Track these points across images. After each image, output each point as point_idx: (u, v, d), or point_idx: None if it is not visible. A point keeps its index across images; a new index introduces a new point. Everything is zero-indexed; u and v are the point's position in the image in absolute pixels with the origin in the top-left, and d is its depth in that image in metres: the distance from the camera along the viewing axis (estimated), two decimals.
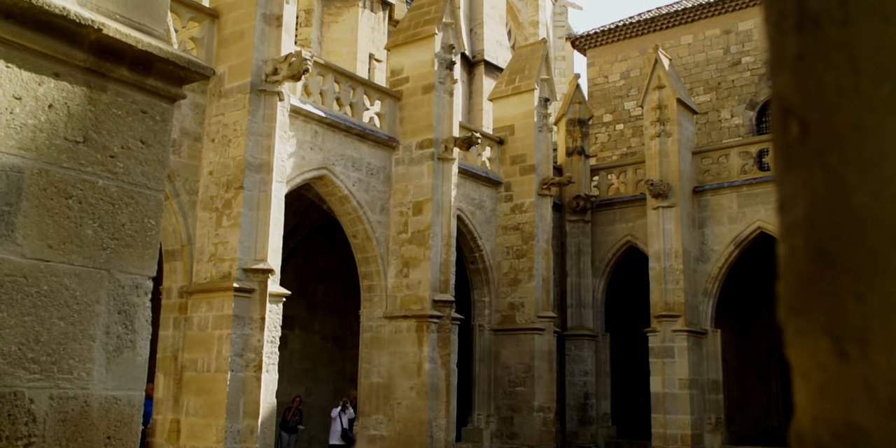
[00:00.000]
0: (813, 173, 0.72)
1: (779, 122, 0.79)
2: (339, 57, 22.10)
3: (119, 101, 3.48)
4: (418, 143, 17.10)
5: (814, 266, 0.73)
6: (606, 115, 28.39)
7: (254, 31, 13.27)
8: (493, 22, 29.12)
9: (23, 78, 3.15)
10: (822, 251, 0.72)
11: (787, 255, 0.77)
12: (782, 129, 0.77)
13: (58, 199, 3.21)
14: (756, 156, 20.95)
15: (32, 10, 3.09)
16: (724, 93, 26.36)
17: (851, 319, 0.69)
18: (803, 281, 0.74)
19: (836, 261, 0.71)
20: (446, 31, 17.65)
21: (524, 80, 20.90)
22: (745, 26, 26.15)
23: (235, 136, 13.05)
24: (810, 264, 0.73)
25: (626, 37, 28.42)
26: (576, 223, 22.42)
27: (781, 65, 0.79)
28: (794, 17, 0.78)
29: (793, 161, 0.75)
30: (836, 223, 0.71)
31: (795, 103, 0.76)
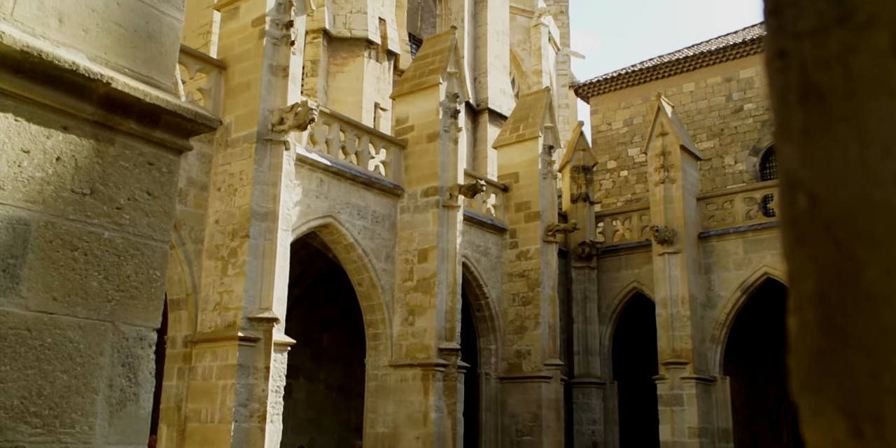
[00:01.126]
0: (822, 248, 0.72)
1: (786, 195, 0.79)
2: (344, 106, 22.32)
3: (126, 154, 3.51)
4: (423, 190, 17.17)
5: (826, 341, 0.72)
6: (610, 161, 28.53)
7: (260, 81, 13.43)
8: (496, 71, 29.46)
9: (31, 131, 3.18)
10: (833, 327, 0.71)
11: (798, 330, 0.76)
12: (790, 202, 0.77)
13: (63, 251, 3.22)
14: (761, 201, 20.98)
15: (42, 65, 3.14)
16: (727, 139, 26.51)
17: (866, 396, 0.68)
18: (815, 356, 0.73)
19: (849, 336, 0.70)
20: (450, 80, 17.86)
21: (528, 127, 21.06)
22: (746, 74, 26.42)
23: (241, 185, 13.12)
24: (822, 340, 0.72)
25: (629, 85, 28.71)
26: (581, 270, 22.37)
27: (787, 137, 0.79)
28: (799, 89, 0.78)
29: (801, 235, 0.75)
30: (847, 298, 0.70)
31: (802, 176, 0.76)
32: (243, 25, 13.94)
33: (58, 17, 3.37)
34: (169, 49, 3.87)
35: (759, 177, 25.55)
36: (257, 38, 13.69)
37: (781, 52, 0.80)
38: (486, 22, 29.51)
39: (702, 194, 22.02)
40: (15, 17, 3.20)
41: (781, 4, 0.81)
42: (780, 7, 0.81)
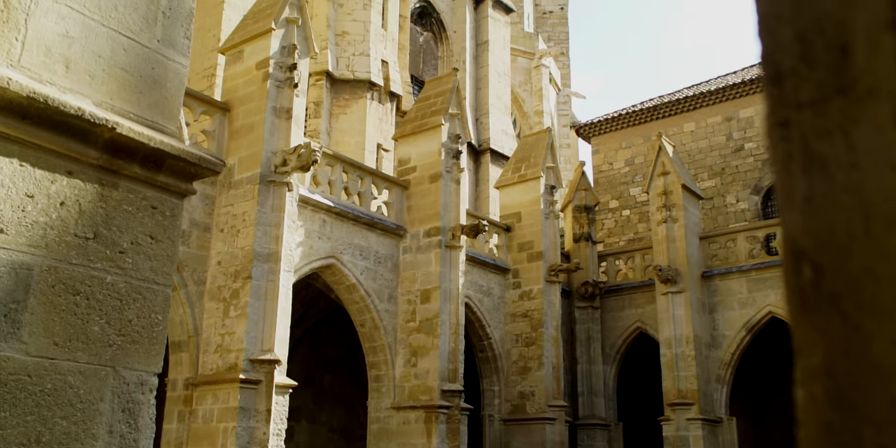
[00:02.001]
0: (829, 319, 0.71)
1: (791, 264, 0.78)
2: (347, 147, 22.45)
3: (130, 198, 3.52)
4: (426, 231, 17.18)
5: (835, 415, 0.70)
6: (612, 201, 28.59)
7: (264, 123, 13.54)
8: (498, 112, 29.68)
9: (36, 176, 3.20)
10: (842, 399, 0.70)
11: (806, 403, 0.75)
12: (795, 271, 0.77)
13: (65, 295, 3.21)
14: (763, 240, 20.96)
15: (49, 111, 3.16)
16: (728, 178, 26.60)
17: None
18: (824, 430, 0.72)
19: (858, 410, 0.69)
20: (452, 121, 17.98)
21: (530, 167, 21.14)
22: (745, 113, 26.60)
23: (244, 227, 13.14)
24: (831, 413, 0.71)
25: (630, 125, 28.90)
26: (585, 309, 22.28)
27: (790, 205, 0.79)
28: (801, 158, 0.78)
29: (807, 305, 0.74)
30: (855, 371, 0.69)
31: (806, 246, 0.75)
32: (247, 68, 14.09)
33: (64, 63, 3.40)
34: (174, 94, 3.91)
35: (760, 215, 25.58)
36: (261, 81, 13.82)
37: (783, 122, 0.81)
38: (487, 64, 29.82)
39: (704, 233, 22.01)
40: (22, 64, 3.23)
41: (782, 73, 0.82)
42: (781, 76, 0.82)
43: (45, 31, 3.34)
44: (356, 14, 24.44)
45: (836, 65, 0.76)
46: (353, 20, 24.37)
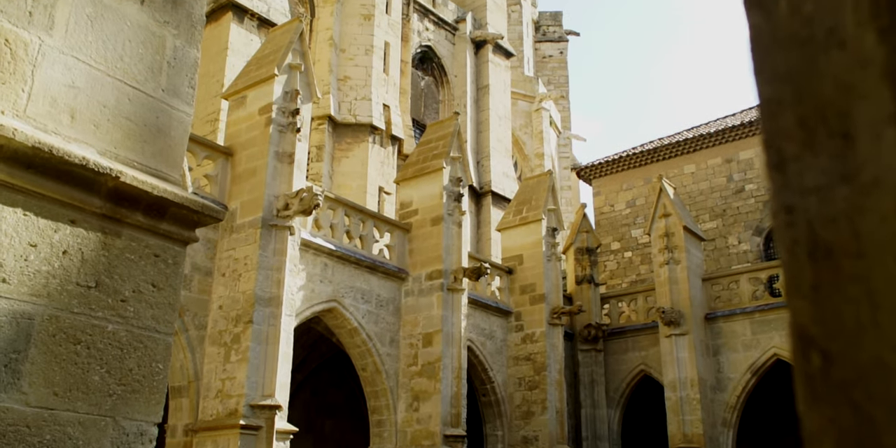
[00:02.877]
0: (839, 410, 0.70)
1: (799, 351, 0.78)
2: (349, 190, 22.54)
3: (133, 246, 3.53)
4: (428, 274, 17.15)
5: None
6: (614, 242, 28.59)
7: (266, 167, 13.61)
8: (499, 154, 29.86)
9: (39, 225, 3.21)
10: None
11: None
12: (804, 360, 0.76)
13: (66, 345, 3.20)
14: (766, 282, 20.90)
15: (53, 160, 3.19)
16: (729, 219, 26.62)
17: None
18: None
19: None
20: (454, 164, 18.07)
21: (531, 210, 21.18)
22: (745, 155, 26.73)
23: (246, 271, 13.13)
24: None
25: (630, 167, 29.02)
26: (588, 352, 22.12)
27: (797, 292, 0.78)
28: (807, 245, 0.79)
29: (817, 394, 0.74)
30: None
31: (815, 334, 0.75)
32: (250, 114, 14.22)
33: (70, 113, 3.44)
34: (177, 142, 3.94)
35: (763, 257, 25.54)
36: (264, 126, 13.93)
37: (788, 208, 0.81)
38: (488, 107, 30.09)
39: (707, 275, 21.95)
40: (28, 114, 3.27)
41: (785, 158, 0.82)
42: (784, 161, 0.83)
43: (51, 82, 3.38)
44: (358, 59, 24.74)
45: (839, 153, 0.77)
46: (355, 65, 24.66)
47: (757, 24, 0.92)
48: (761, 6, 0.90)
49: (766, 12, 0.90)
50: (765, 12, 0.90)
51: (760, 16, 0.91)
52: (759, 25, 0.91)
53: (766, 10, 0.90)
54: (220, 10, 20.80)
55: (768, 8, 0.89)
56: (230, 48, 20.50)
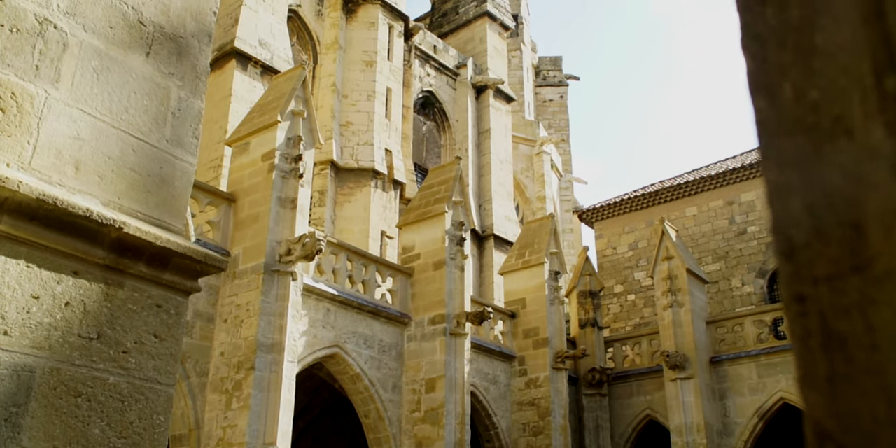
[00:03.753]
0: None
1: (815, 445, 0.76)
2: (351, 235, 22.57)
3: (135, 297, 3.52)
4: (430, 318, 17.07)
5: None
6: (617, 285, 28.50)
7: (269, 213, 13.64)
8: (501, 198, 29.95)
9: (42, 277, 3.20)
10: None
11: None
12: None
13: (67, 397, 3.17)
14: (771, 324, 20.77)
15: (57, 212, 3.20)
16: (732, 262, 26.57)
17: None
18: None
19: None
20: (456, 208, 18.11)
21: (534, 253, 21.17)
22: (747, 197, 26.79)
23: (248, 317, 13.08)
24: None
25: (632, 209, 29.07)
26: (592, 397, 21.90)
27: (811, 384, 0.77)
28: (820, 336, 0.78)
29: None
30: None
31: (830, 428, 0.73)
32: (253, 160, 14.31)
33: (74, 164, 3.46)
34: (181, 192, 3.96)
35: (767, 299, 25.42)
36: (267, 172, 14.00)
37: (799, 297, 0.81)
38: (489, 151, 30.28)
39: (711, 318, 21.83)
40: (33, 166, 3.29)
41: (795, 247, 0.82)
42: (794, 250, 0.82)
43: (56, 134, 3.41)
44: (360, 105, 24.98)
45: (850, 242, 0.76)
46: (358, 111, 24.89)
47: (762, 108, 0.92)
48: (766, 91, 0.91)
49: (771, 97, 0.90)
50: (770, 97, 0.90)
51: (765, 100, 0.91)
52: (764, 109, 0.92)
53: (771, 94, 0.90)
54: (224, 58, 21.06)
55: (773, 93, 0.90)
56: (233, 95, 20.71)
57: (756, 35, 0.94)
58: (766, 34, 0.93)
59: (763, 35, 0.93)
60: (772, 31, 0.92)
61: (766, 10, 0.93)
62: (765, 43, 0.93)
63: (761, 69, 0.93)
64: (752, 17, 0.95)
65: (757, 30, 0.94)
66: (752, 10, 0.94)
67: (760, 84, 0.92)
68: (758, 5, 0.94)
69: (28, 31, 3.40)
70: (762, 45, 0.93)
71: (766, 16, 0.93)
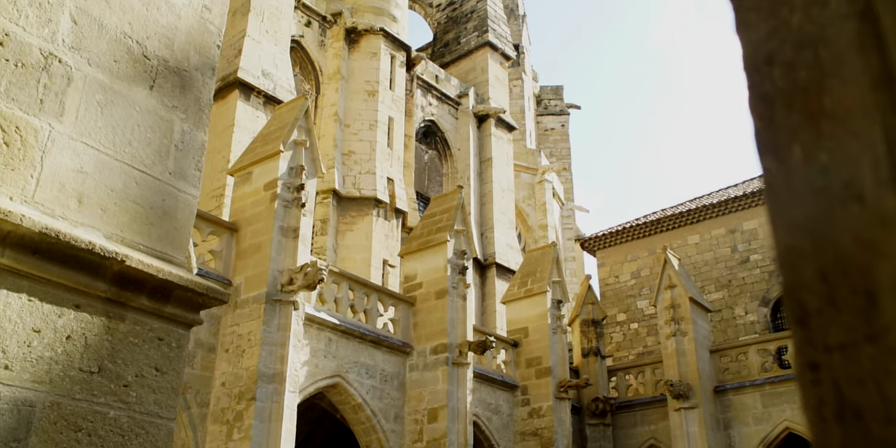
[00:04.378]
0: None
1: None
2: (353, 263, 22.55)
3: (136, 330, 3.51)
4: (432, 348, 17.00)
5: None
6: (620, 314, 28.40)
7: (271, 243, 13.65)
8: (503, 226, 29.96)
9: (43, 311, 3.20)
10: None
11: None
12: None
13: (67, 432, 3.15)
14: (775, 353, 20.66)
15: (60, 246, 3.20)
16: (735, 290, 26.50)
17: None
18: None
19: None
20: (458, 237, 18.11)
21: (536, 282, 21.12)
22: (749, 225, 26.78)
23: (249, 347, 13.03)
24: None
25: (634, 238, 29.06)
26: (596, 426, 21.72)
27: None
28: (834, 406, 0.76)
29: None
30: None
31: None
32: (256, 189, 14.34)
33: (77, 197, 3.47)
34: (183, 224, 3.96)
35: (770, 327, 25.31)
36: (269, 201, 14.03)
37: (813, 365, 0.80)
38: (491, 180, 30.35)
39: (715, 346, 21.73)
40: (36, 200, 3.30)
41: (808, 314, 0.81)
42: (807, 317, 0.81)
43: (60, 168, 3.42)
44: (362, 134, 25.10)
45: (863, 311, 0.75)
46: (360, 140, 25.01)
47: (771, 169, 0.91)
48: (775, 152, 0.90)
49: (779, 158, 0.90)
50: (778, 158, 0.90)
51: (774, 161, 0.90)
52: (773, 170, 0.91)
53: (779, 156, 0.90)
54: (227, 88, 21.20)
55: (782, 154, 0.89)
56: (236, 124, 20.82)
57: (763, 95, 0.93)
58: (774, 95, 0.92)
59: (770, 95, 0.93)
60: (779, 91, 0.92)
61: (773, 71, 0.93)
62: (772, 103, 0.92)
63: (769, 130, 0.92)
64: (759, 78, 0.94)
65: (764, 90, 0.93)
66: (758, 71, 0.94)
67: (769, 145, 0.91)
68: (765, 65, 0.93)
69: (33, 65, 3.43)
70: (769, 106, 0.92)
71: (773, 76, 0.93)
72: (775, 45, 0.92)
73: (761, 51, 0.94)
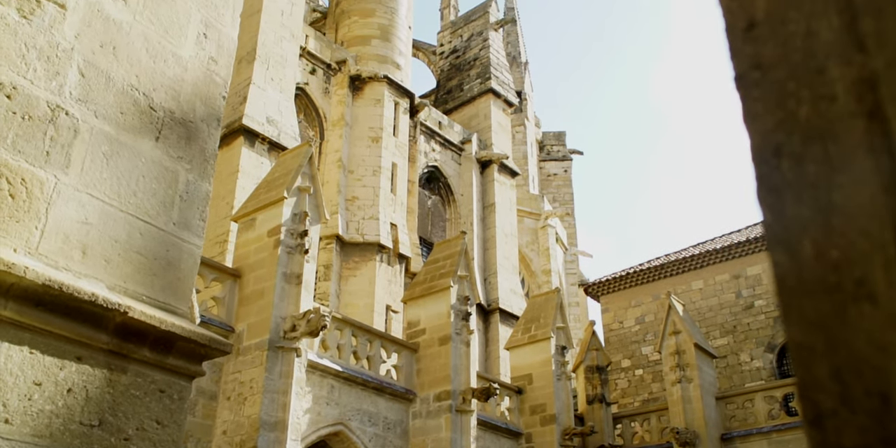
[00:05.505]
0: None
1: None
2: (356, 309, 22.46)
3: (138, 382, 3.49)
4: (436, 395, 16.84)
5: None
6: (624, 360, 28.17)
7: (274, 289, 13.62)
8: (506, 272, 29.90)
9: (45, 364, 3.18)
10: None
11: None
12: None
13: None
14: (782, 400, 20.43)
15: (62, 298, 3.19)
16: (740, 336, 26.31)
17: None
18: None
19: None
20: (461, 283, 18.07)
21: (540, 328, 21.01)
22: (753, 271, 26.70)
23: (251, 394, 12.92)
24: None
25: (638, 283, 28.96)
26: None
27: None
28: None
29: None
30: None
31: None
32: (259, 235, 14.36)
33: (81, 249, 3.48)
34: (187, 275, 3.96)
35: (777, 374, 25.06)
36: (272, 248, 14.04)
37: None
38: (494, 225, 30.38)
39: (721, 393, 21.50)
40: (40, 251, 3.30)
41: (822, 413, 0.80)
42: (821, 416, 0.80)
43: (64, 219, 3.43)
44: (366, 180, 25.22)
45: (878, 413, 0.74)
46: (363, 186, 25.11)
47: (782, 264, 0.90)
48: (785, 246, 0.89)
49: (790, 253, 0.89)
50: (789, 253, 0.89)
51: (785, 255, 0.89)
52: (784, 265, 0.90)
53: (790, 250, 0.89)
54: (232, 135, 21.36)
55: (793, 248, 0.88)
56: (241, 171, 20.94)
57: (772, 187, 0.92)
58: (783, 187, 0.91)
59: (779, 188, 0.92)
60: (788, 184, 0.91)
61: (781, 163, 0.92)
62: (781, 196, 0.91)
63: (780, 223, 0.91)
64: (767, 170, 0.94)
65: (773, 182, 0.93)
66: (767, 163, 0.94)
67: (780, 238, 0.90)
68: (772, 157, 0.93)
69: (40, 118, 3.46)
70: (779, 198, 0.92)
71: (781, 169, 0.92)
72: (783, 137, 0.92)
73: (769, 142, 0.94)
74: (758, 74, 0.98)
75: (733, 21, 1.02)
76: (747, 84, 0.99)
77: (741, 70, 1.00)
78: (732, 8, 1.02)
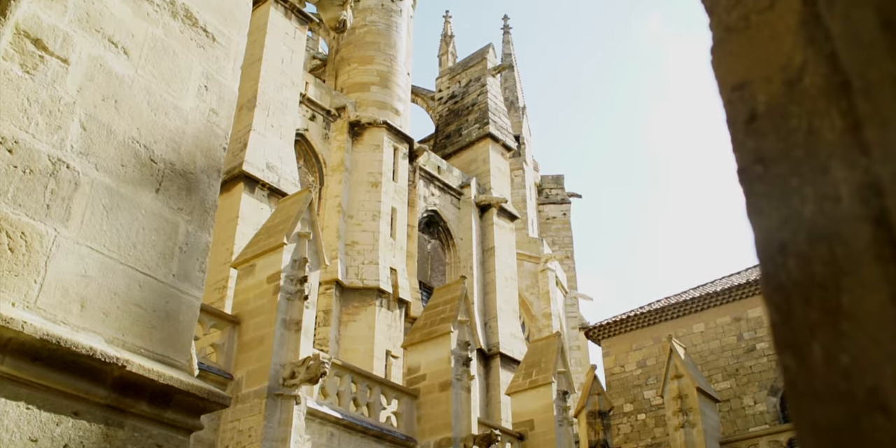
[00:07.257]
0: None
1: None
2: (356, 354, 22.30)
3: (135, 437, 3.45)
4: (437, 442, 16.63)
5: None
6: (627, 404, 27.88)
7: (273, 336, 13.54)
8: (506, 316, 29.76)
9: (41, 419, 3.15)
10: None
11: None
12: None
13: None
14: (786, 444, 20.20)
15: (60, 352, 3.17)
16: (743, 379, 26.09)
17: None
18: None
19: None
20: (461, 328, 17.97)
21: (541, 373, 20.83)
22: (754, 313, 26.58)
23: (250, 443, 12.75)
24: None
25: (639, 326, 28.81)
26: None
27: None
28: None
29: None
30: None
31: None
32: (259, 282, 14.33)
33: (80, 302, 3.47)
34: (186, 327, 3.94)
35: (780, 418, 24.78)
36: (272, 294, 14.00)
37: None
38: (494, 269, 30.33)
39: (724, 438, 21.25)
40: (38, 305, 3.29)
41: None
42: None
43: (63, 272, 3.43)
44: (365, 225, 25.25)
45: None
46: (363, 230, 25.14)
47: (791, 368, 0.87)
48: (794, 349, 0.86)
49: (799, 357, 0.86)
50: (798, 356, 0.86)
51: (794, 359, 0.87)
52: (793, 369, 0.87)
53: (799, 354, 0.85)
54: (232, 181, 21.44)
55: (801, 352, 0.85)
56: (240, 217, 20.97)
57: (779, 287, 0.90)
58: (790, 288, 0.89)
59: (786, 288, 0.89)
60: (795, 284, 0.88)
61: (787, 262, 0.90)
62: (789, 297, 0.88)
63: (787, 325, 0.88)
64: (773, 268, 0.91)
65: (779, 281, 0.89)
66: (773, 260, 0.91)
67: (788, 341, 0.87)
68: (779, 255, 0.90)
69: (41, 171, 3.48)
70: (786, 299, 0.88)
71: (787, 267, 0.90)
72: (788, 235, 0.90)
73: (774, 239, 0.91)
74: (760, 169, 0.96)
75: (734, 113, 1.01)
76: (750, 178, 0.97)
77: (743, 163, 0.99)
78: (733, 99, 1.01)
